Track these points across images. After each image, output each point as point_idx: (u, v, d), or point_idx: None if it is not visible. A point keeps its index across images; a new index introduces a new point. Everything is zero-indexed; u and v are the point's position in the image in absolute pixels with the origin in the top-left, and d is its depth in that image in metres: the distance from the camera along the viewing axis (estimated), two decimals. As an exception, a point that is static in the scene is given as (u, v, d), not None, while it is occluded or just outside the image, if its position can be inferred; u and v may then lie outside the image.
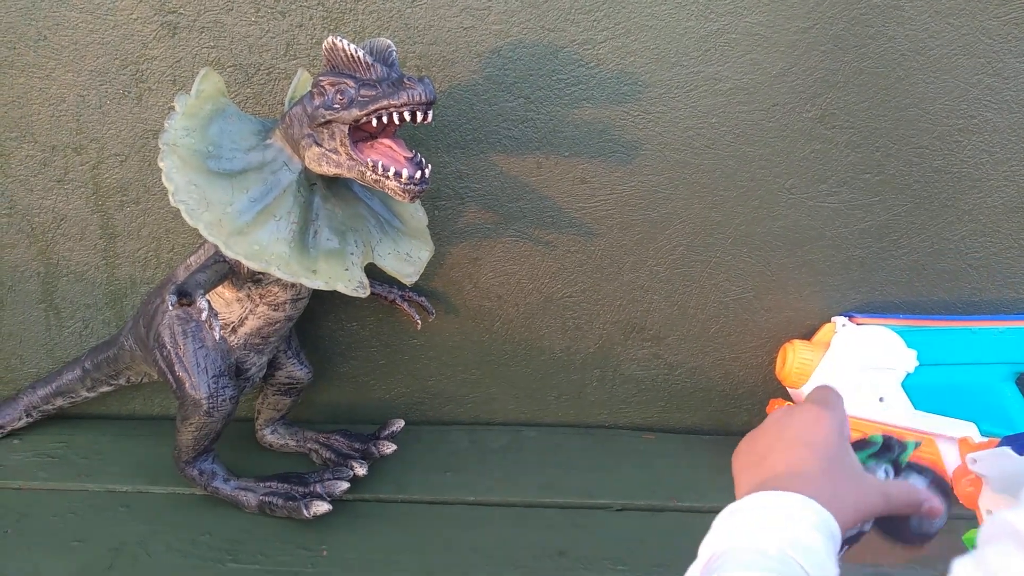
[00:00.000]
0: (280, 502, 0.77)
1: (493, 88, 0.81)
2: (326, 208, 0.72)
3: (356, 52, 0.64)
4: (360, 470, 0.81)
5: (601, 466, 0.89)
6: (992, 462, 0.67)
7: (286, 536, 0.77)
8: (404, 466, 0.86)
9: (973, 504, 0.77)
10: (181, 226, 0.85)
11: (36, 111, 0.81)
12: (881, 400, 0.82)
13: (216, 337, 0.67)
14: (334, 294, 0.70)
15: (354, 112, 0.65)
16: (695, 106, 0.82)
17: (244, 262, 0.66)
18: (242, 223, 0.67)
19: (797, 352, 0.85)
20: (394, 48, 0.66)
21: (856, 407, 0.83)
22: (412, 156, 0.67)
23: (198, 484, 0.79)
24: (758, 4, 0.78)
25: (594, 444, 0.92)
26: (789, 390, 0.87)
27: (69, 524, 0.77)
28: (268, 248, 0.67)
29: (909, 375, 0.83)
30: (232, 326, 0.76)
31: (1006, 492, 0.70)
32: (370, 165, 0.67)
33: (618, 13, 0.78)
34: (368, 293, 0.71)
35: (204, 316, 0.64)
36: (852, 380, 0.83)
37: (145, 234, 0.85)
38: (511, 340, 0.91)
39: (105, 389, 0.86)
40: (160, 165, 0.65)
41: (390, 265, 0.75)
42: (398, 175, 0.66)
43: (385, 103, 0.64)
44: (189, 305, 0.64)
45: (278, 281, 0.73)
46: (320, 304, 0.87)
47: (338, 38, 0.64)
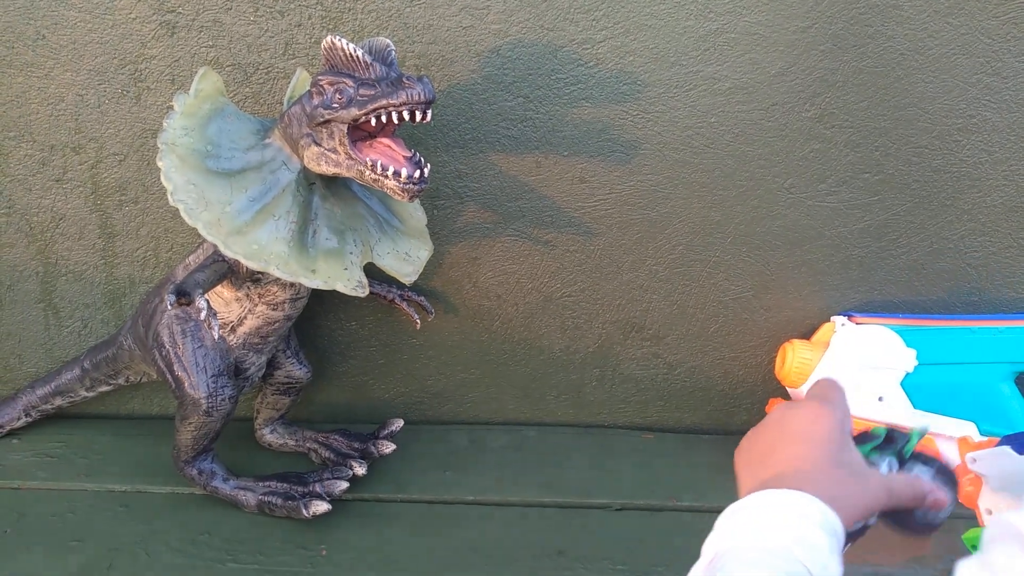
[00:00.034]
0: (279, 502, 0.77)
1: (492, 87, 0.81)
2: (325, 207, 0.72)
3: (355, 51, 0.64)
4: (359, 470, 0.81)
5: (600, 466, 0.89)
6: (992, 461, 0.67)
7: (285, 536, 0.76)
8: (403, 466, 0.86)
9: (973, 503, 0.77)
10: (180, 225, 0.85)
11: (35, 110, 0.81)
12: (880, 400, 0.82)
13: (215, 336, 0.67)
14: (333, 293, 0.70)
15: (353, 111, 0.65)
16: (694, 105, 0.82)
17: (243, 261, 0.66)
18: (241, 222, 0.67)
19: (796, 351, 0.85)
20: (393, 47, 0.66)
21: (855, 406, 0.82)
22: (411, 155, 0.67)
23: (197, 484, 0.79)
24: (757, 3, 0.78)
25: (593, 444, 0.92)
26: (788, 389, 0.87)
27: (68, 524, 0.77)
28: (267, 247, 0.67)
29: (908, 374, 0.83)
30: (231, 325, 0.76)
31: (1006, 491, 0.70)
32: (369, 164, 0.67)
33: (617, 12, 0.78)
34: (367, 292, 0.71)
35: (203, 315, 0.64)
36: (851, 379, 0.82)
37: (144, 233, 0.85)
38: (510, 340, 0.91)
39: (104, 388, 0.86)
40: (159, 164, 0.65)
41: (389, 264, 0.75)
42: (397, 174, 0.66)
43: (384, 102, 0.64)
44: (188, 304, 0.64)
45: (277, 280, 0.73)
46: (319, 303, 0.87)
47: (337, 37, 0.64)
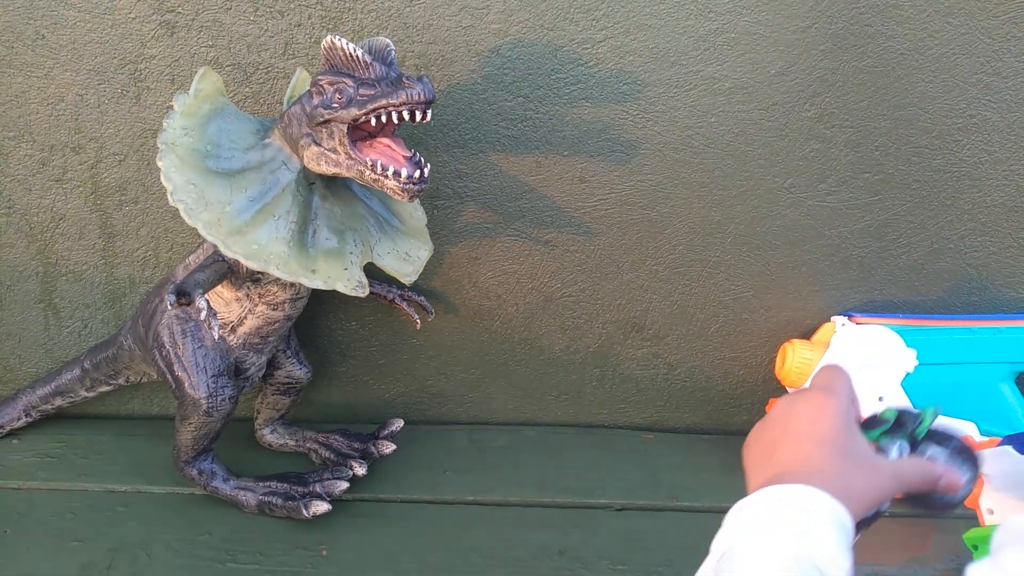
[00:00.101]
0: (279, 502, 0.77)
1: (492, 87, 0.81)
2: (325, 207, 0.72)
3: (355, 51, 0.64)
4: (359, 470, 0.81)
5: (601, 466, 0.89)
6: (993, 461, 0.67)
7: (285, 536, 0.76)
8: (403, 466, 0.86)
9: (974, 503, 0.77)
10: (180, 225, 0.85)
11: (34, 110, 0.80)
12: (881, 399, 0.82)
13: (215, 337, 0.66)
14: (333, 293, 0.70)
15: (353, 111, 0.65)
16: (694, 105, 0.82)
17: (243, 261, 0.66)
18: (241, 222, 0.67)
19: (797, 351, 0.85)
20: (393, 47, 0.66)
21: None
22: (411, 155, 0.67)
23: (197, 484, 0.79)
24: (757, 3, 0.78)
25: (593, 444, 0.92)
26: (789, 389, 0.87)
27: (68, 524, 0.77)
28: (267, 247, 0.67)
29: (909, 374, 0.83)
30: (231, 326, 0.76)
31: (1007, 491, 0.70)
32: (369, 164, 0.67)
33: (617, 12, 0.78)
34: (367, 292, 0.71)
35: (203, 316, 0.63)
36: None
37: (144, 233, 0.85)
38: (510, 340, 0.91)
39: (104, 389, 0.86)
40: (158, 164, 0.65)
41: (389, 264, 0.75)
42: (397, 174, 0.66)
43: (384, 102, 0.64)
44: (188, 305, 0.64)
45: (277, 280, 0.73)
46: (319, 304, 0.87)
47: (337, 37, 0.64)
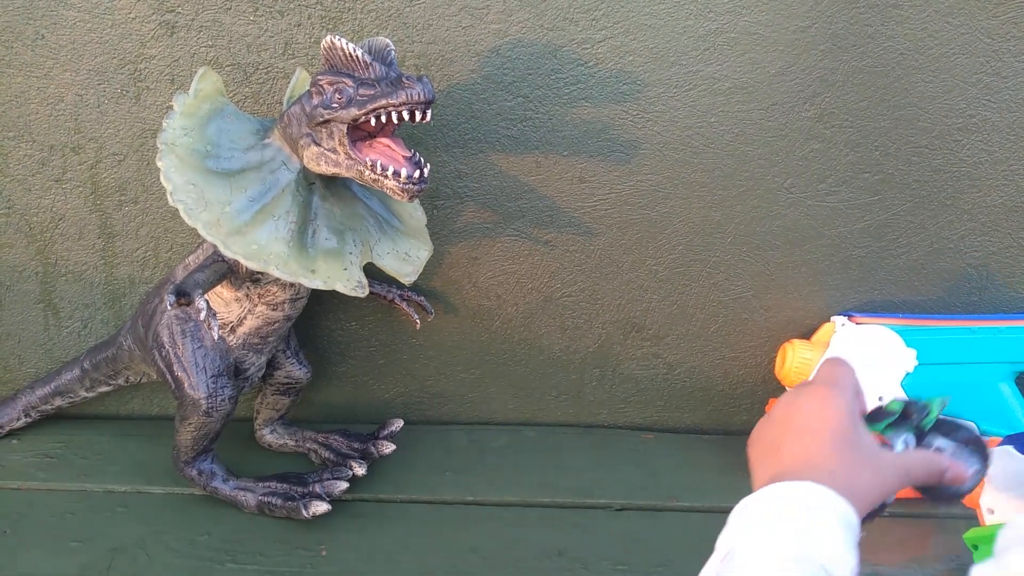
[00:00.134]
0: (279, 502, 0.77)
1: (492, 87, 0.80)
2: (325, 207, 0.72)
3: (354, 51, 0.64)
4: (359, 470, 0.81)
5: (600, 466, 0.89)
6: (995, 461, 0.67)
7: (285, 536, 0.76)
8: (403, 466, 0.86)
9: (974, 503, 0.77)
10: (179, 226, 0.85)
11: (34, 110, 0.80)
12: (880, 399, 0.82)
13: (215, 337, 0.66)
14: (333, 294, 0.70)
15: (352, 111, 0.65)
16: (694, 105, 0.82)
17: (242, 261, 0.66)
18: (240, 222, 0.67)
19: (796, 351, 0.85)
20: (392, 47, 0.66)
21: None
22: (411, 155, 0.67)
23: (197, 484, 0.79)
24: (757, 3, 0.78)
25: (593, 444, 0.92)
26: (788, 389, 0.87)
27: (68, 524, 0.77)
28: (266, 247, 0.67)
29: (909, 374, 0.83)
30: (231, 326, 0.76)
31: (1008, 491, 0.70)
32: (369, 164, 0.67)
33: (617, 12, 0.78)
34: (367, 293, 0.71)
35: (203, 316, 0.63)
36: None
37: (143, 234, 0.85)
38: (510, 339, 0.91)
39: (104, 389, 0.86)
40: (158, 164, 0.65)
41: (389, 264, 0.75)
42: (396, 174, 0.66)
43: (383, 102, 0.64)
44: (187, 305, 0.64)
45: (277, 281, 0.73)
46: (319, 304, 0.87)
47: (336, 37, 0.64)
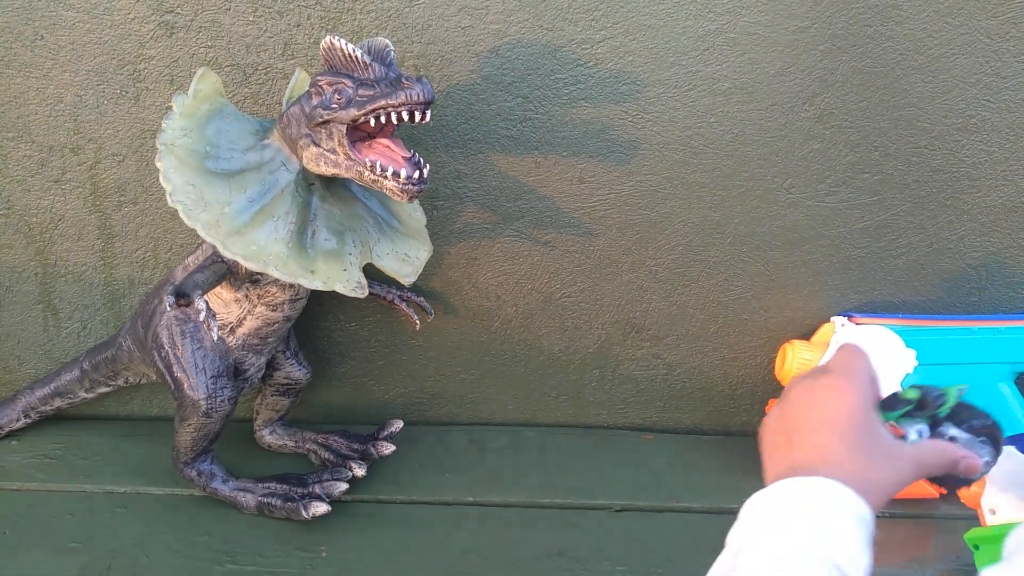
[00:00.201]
0: (279, 503, 0.77)
1: (491, 87, 0.80)
2: (324, 208, 0.72)
3: (354, 52, 0.64)
4: (359, 471, 0.80)
5: (600, 466, 0.88)
6: (994, 462, 0.67)
7: (285, 537, 0.76)
8: (403, 467, 0.86)
9: (975, 503, 0.77)
10: (179, 226, 0.84)
11: (33, 111, 0.80)
12: (880, 400, 0.82)
13: (214, 338, 0.67)
14: (332, 294, 0.70)
15: (352, 112, 0.65)
16: (693, 106, 0.82)
17: (242, 262, 0.66)
18: (240, 223, 0.67)
19: (796, 352, 0.85)
20: (392, 47, 0.66)
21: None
22: (410, 156, 0.67)
23: (197, 485, 0.79)
24: (756, 3, 0.78)
25: (593, 444, 0.92)
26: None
27: (67, 525, 0.77)
28: (266, 248, 0.67)
29: (908, 375, 0.83)
30: (230, 327, 0.76)
31: (1009, 491, 0.70)
32: (368, 165, 0.67)
33: (616, 12, 0.78)
34: (366, 293, 0.71)
35: (202, 317, 0.63)
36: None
37: (143, 234, 0.85)
38: (510, 340, 0.91)
39: (103, 390, 0.86)
40: (157, 165, 0.65)
41: (388, 265, 0.75)
42: (396, 175, 0.66)
43: (383, 103, 0.64)
44: (187, 306, 0.64)
45: (276, 281, 0.73)
46: (318, 304, 0.87)
47: (336, 37, 0.64)
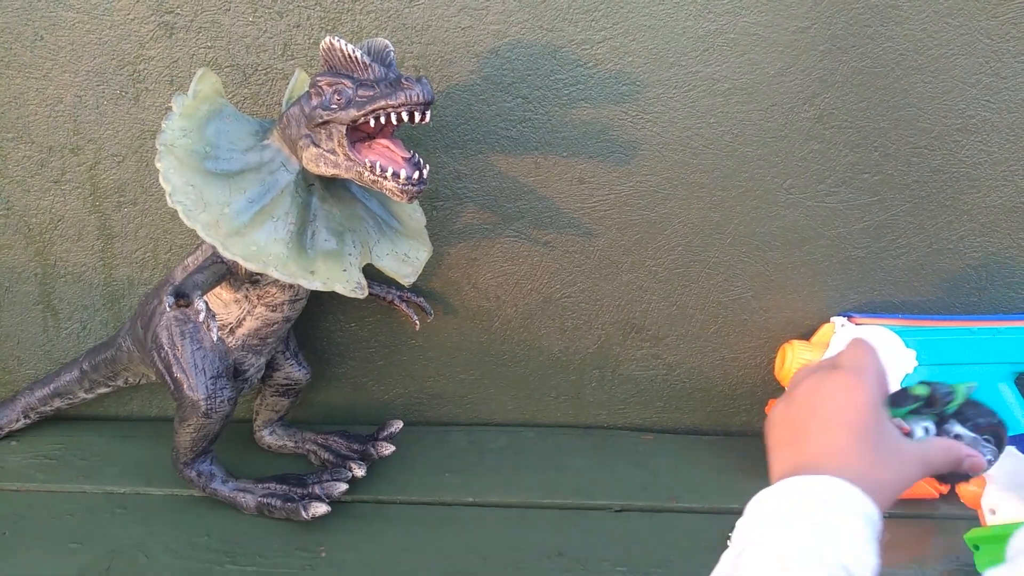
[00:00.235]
0: (278, 503, 0.77)
1: (491, 88, 0.80)
2: (324, 209, 0.72)
3: (353, 52, 0.64)
4: (359, 471, 0.80)
5: (600, 466, 0.88)
6: (997, 462, 0.67)
7: (284, 537, 0.76)
8: (403, 467, 0.86)
9: (976, 503, 0.77)
10: (179, 227, 0.84)
11: (33, 111, 0.80)
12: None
13: (214, 338, 0.66)
14: (332, 295, 0.70)
15: (352, 112, 0.65)
16: (693, 106, 0.82)
17: (241, 263, 0.66)
18: (239, 224, 0.67)
19: (796, 352, 0.85)
20: (392, 48, 0.66)
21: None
22: (410, 156, 0.67)
23: (196, 485, 0.79)
24: (756, 4, 0.78)
25: (593, 444, 0.92)
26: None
27: (67, 526, 0.77)
28: (265, 249, 0.67)
29: (908, 375, 0.83)
30: (230, 327, 0.76)
31: (1010, 491, 0.70)
32: (368, 166, 0.67)
33: (616, 13, 0.78)
34: (366, 294, 0.71)
35: (202, 317, 0.63)
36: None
37: (143, 235, 0.85)
38: (510, 340, 0.91)
39: (103, 390, 0.86)
40: (157, 166, 0.65)
41: (388, 266, 0.75)
42: (396, 175, 0.66)
43: (383, 103, 0.64)
44: (187, 306, 0.63)
45: (276, 282, 0.73)
46: (318, 305, 0.87)
47: (335, 38, 0.64)
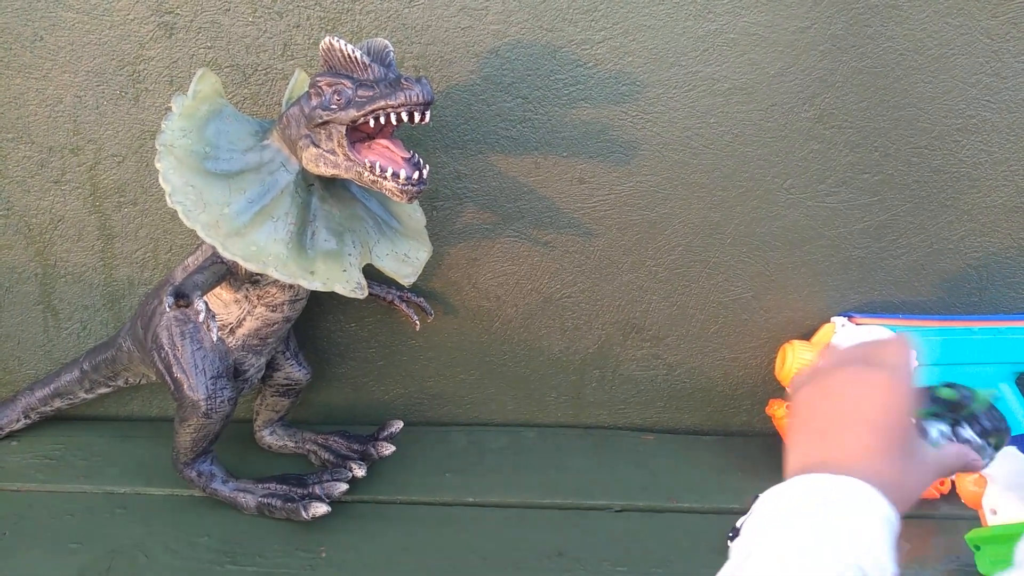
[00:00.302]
0: (279, 503, 0.77)
1: (491, 88, 0.80)
2: (324, 209, 0.72)
3: (353, 52, 0.64)
4: (359, 471, 0.80)
5: (600, 466, 0.88)
6: (996, 462, 0.67)
7: (285, 538, 0.76)
8: (403, 467, 0.86)
9: (977, 504, 0.77)
10: (179, 227, 0.84)
11: (33, 112, 0.80)
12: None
13: (214, 338, 0.67)
14: (332, 295, 0.70)
15: (351, 113, 0.65)
16: (693, 106, 0.81)
17: (241, 263, 0.66)
18: (239, 224, 0.67)
19: (796, 352, 0.85)
20: (391, 48, 0.66)
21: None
22: (410, 156, 0.67)
23: (197, 486, 0.79)
24: (756, 4, 0.78)
25: (593, 445, 0.92)
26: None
27: (67, 526, 0.77)
28: (265, 249, 0.67)
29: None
30: (230, 327, 0.76)
31: (1010, 491, 0.70)
32: (368, 166, 0.67)
33: (616, 13, 0.78)
34: (366, 294, 0.71)
35: (202, 317, 0.63)
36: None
37: (143, 235, 0.85)
38: (510, 341, 0.91)
39: (103, 391, 0.86)
40: (157, 166, 0.65)
41: (388, 266, 0.75)
42: (396, 176, 0.66)
43: (382, 104, 0.64)
44: (187, 306, 0.64)
45: (276, 282, 0.73)
46: (318, 305, 0.87)
47: (335, 38, 0.64)
